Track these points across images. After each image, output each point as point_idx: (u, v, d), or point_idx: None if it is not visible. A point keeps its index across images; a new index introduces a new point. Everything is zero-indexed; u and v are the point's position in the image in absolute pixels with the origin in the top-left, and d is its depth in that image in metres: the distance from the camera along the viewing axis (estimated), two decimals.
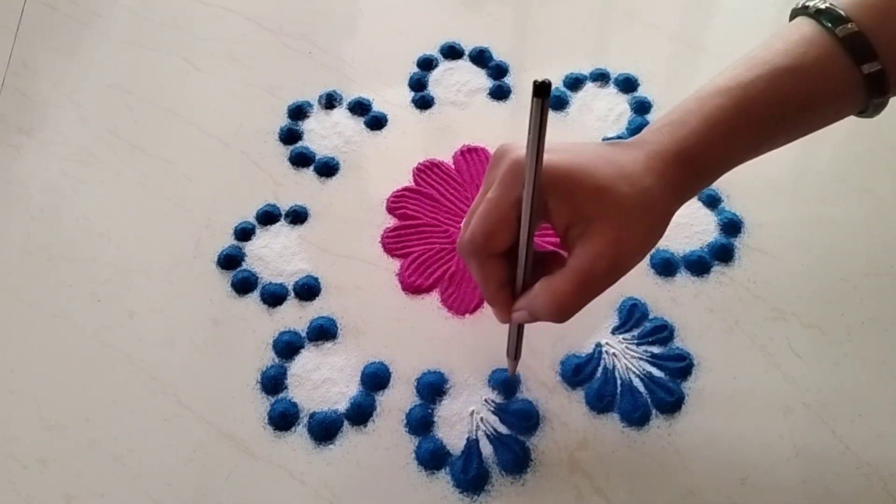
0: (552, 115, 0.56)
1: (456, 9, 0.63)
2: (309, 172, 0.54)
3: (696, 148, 0.37)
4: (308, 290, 0.48)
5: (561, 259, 0.37)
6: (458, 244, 0.38)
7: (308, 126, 0.56)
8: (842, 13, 0.36)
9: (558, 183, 0.36)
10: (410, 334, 0.46)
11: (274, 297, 0.48)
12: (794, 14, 0.38)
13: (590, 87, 0.58)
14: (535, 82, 0.30)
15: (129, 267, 0.49)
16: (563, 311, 0.37)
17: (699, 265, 0.49)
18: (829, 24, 0.36)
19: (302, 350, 0.46)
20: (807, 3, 0.37)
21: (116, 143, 0.55)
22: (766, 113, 0.37)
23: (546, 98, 0.31)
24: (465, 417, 0.43)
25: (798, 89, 0.37)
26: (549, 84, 0.31)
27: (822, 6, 0.36)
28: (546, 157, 0.35)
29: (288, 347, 0.46)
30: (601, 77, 0.58)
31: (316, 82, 0.59)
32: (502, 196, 0.36)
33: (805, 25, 0.37)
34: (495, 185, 0.37)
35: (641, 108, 0.56)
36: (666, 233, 0.49)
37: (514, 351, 0.41)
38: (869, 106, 0.37)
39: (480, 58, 0.60)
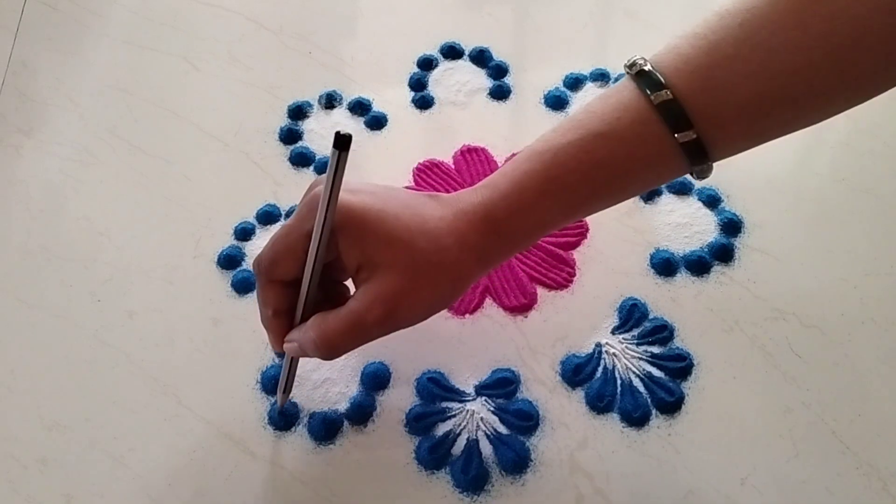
0: (553, 115, 0.56)
1: (456, 9, 0.63)
2: (309, 172, 0.54)
3: (503, 212, 0.37)
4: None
5: (346, 300, 0.37)
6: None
7: (308, 126, 0.56)
8: (661, 78, 0.35)
9: (351, 225, 0.36)
10: (410, 334, 0.46)
11: None
12: (625, 69, 0.37)
13: (590, 87, 0.58)
14: (336, 133, 0.32)
15: (129, 267, 0.49)
16: (329, 350, 0.37)
17: (699, 265, 0.49)
18: (647, 90, 0.35)
19: None
20: (636, 61, 0.36)
21: (116, 143, 0.55)
22: (577, 179, 0.36)
23: (344, 152, 0.33)
24: (465, 417, 0.43)
25: (610, 155, 0.36)
26: (350, 137, 0.33)
27: (646, 68, 0.35)
28: (346, 197, 0.35)
29: None
30: (601, 77, 0.58)
31: (316, 82, 0.59)
32: (293, 226, 0.37)
33: (626, 89, 0.36)
34: (293, 215, 0.37)
35: None
36: (667, 233, 0.50)
37: (284, 384, 0.41)
38: (692, 171, 0.36)
39: (480, 58, 0.60)
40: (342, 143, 0.33)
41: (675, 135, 0.34)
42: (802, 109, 0.35)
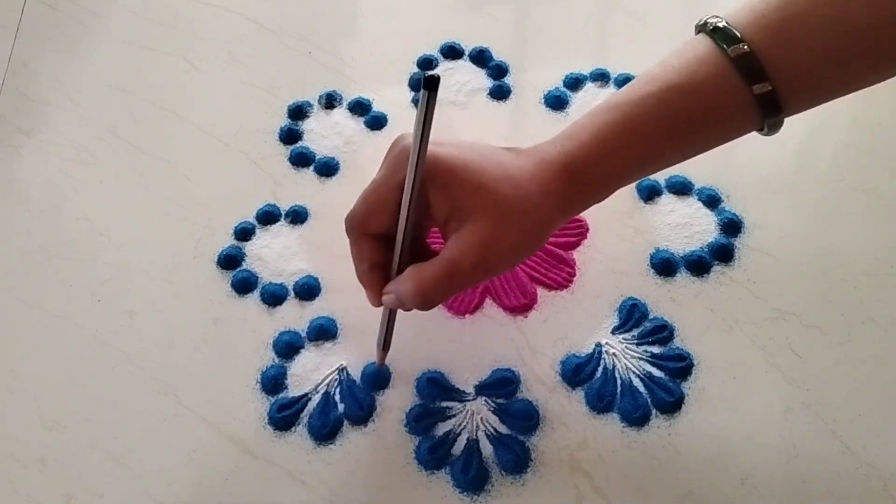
0: (553, 115, 0.56)
1: (456, 9, 0.63)
2: (309, 172, 0.54)
3: (583, 161, 0.38)
4: (308, 290, 0.48)
5: (431, 255, 0.38)
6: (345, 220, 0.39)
7: (308, 126, 0.56)
8: (736, 33, 0.36)
9: (440, 175, 0.37)
10: (410, 334, 0.46)
11: (274, 297, 0.48)
12: (697, 30, 0.38)
13: (590, 87, 0.58)
14: (425, 75, 0.33)
15: (129, 267, 0.49)
16: (425, 298, 0.38)
17: (699, 265, 0.49)
18: (723, 44, 0.36)
19: (302, 350, 0.46)
20: (707, 20, 0.37)
21: (116, 143, 0.55)
22: (655, 130, 0.37)
23: (433, 92, 0.33)
24: (465, 417, 0.43)
25: (688, 107, 0.37)
26: (438, 78, 0.33)
27: (721, 24, 0.36)
28: (433, 148, 0.36)
29: (288, 347, 0.46)
30: (601, 77, 0.58)
31: (316, 82, 0.59)
32: (384, 180, 0.38)
33: (701, 44, 0.37)
34: (381, 168, 0.38)
35: None
36: (667, 233, 0.50)
37: (384, 341, 0.42)
38: (764, 125, 0.38)
39: (480, 58, 0.60)
40: (432, 83, 0.33)
41: (752, 86, 0.36)
42: (875, 63, 0.36)
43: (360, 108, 0.57)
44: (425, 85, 0.33)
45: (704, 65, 0.36)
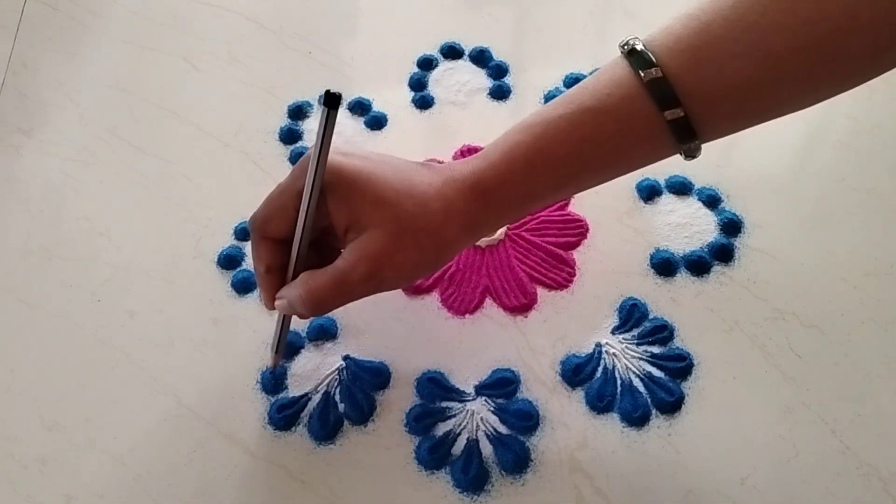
0: None
1: (456, 9, 0.63)
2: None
3: (492, 182, 0.38)
4: None
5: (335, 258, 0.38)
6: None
7: (308, 126, 0.56)
8: (651, 57, 0.35)
9: (341, 185, 0.37)
10: (410, 334, 0.46)
11: None
12: (619, 49, 0.37)
13: None
14: (326, 92, 0.34)
15: (129, 267, 0.49)
16: (314, 306, 0.38)
17: (699, 265, 0.49)
18: (637, 68, 0.35)
19: (302, 350, 0.46)
20: (628, 41, 0.37)
21: (116, 143, 0.55)
22: (566, 152, 0.37)
23: (334, 110, 0.35)
24: (465, 417, 0.43)
25: (600, 130, 0.36)
26: (339, 96, 0.34)
27: (638, 47, 0.36)
28: (338, 158, 0.37)
29: (288, 347, 0.46)
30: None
31: (316, 82, 0.59)
32: (286, 186, 0.38)
33: (618, 66, 0.37)
34: (288, 174, 0.38)
35: None
36: (667, 233, 0.50)
37: (276, 344, 0.42)
38: (681, 151, 0.37)
39: (480, 58, 0.60)
40: (332, 101, 0.34)
41: (664, 112, 0.35)
42: (790, 92, 0.36)
43: (360, 108, 0.57)
44: (326, 101, 0.34)
45: (619, 88, 0.36)
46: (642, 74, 0.35)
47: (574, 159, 0.37)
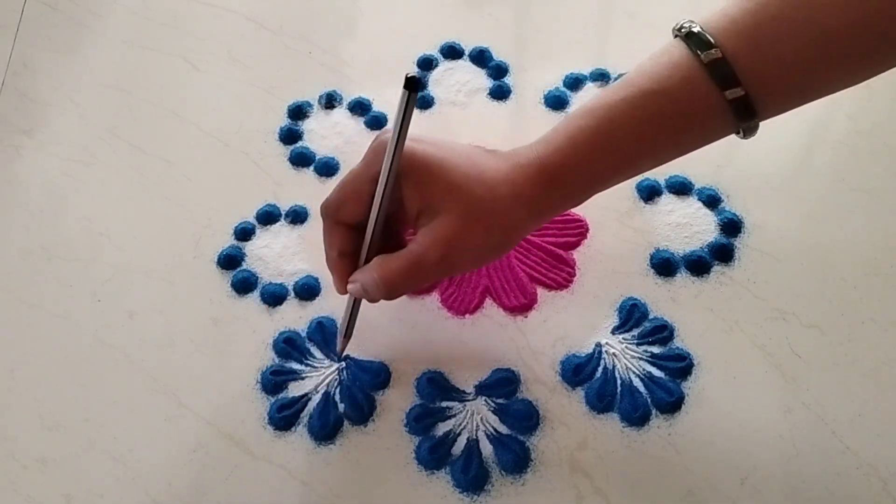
0: (553, 115, 0.56)
1: (456, 9, 0.63)
2: (309, 172, 0.54)
3: (557, 166, 0.38)
4: (308, 290, 0.48)
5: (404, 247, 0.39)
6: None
7: (308, 126, 0.56)
8: (710, 39, 0.36)
9: (414, 171, 0.38)
10: (410, 334, 0.46)
11: (274, 297, 0.48)
12: (674, 34, 0.38)
13: (590, 87, 0.58)
14: (406, 75, 0.35)
15: (129, 267, 0.49)
16: (388, 289, 0.39)
17: (699, 265, 0.49)
18: (696, 49, 0.36)
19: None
20: (683, 25, 0.37)
21: (116, 143, 0.55)
22: (629, 135, 0.38)
23: (413, 93, 0.35)
24: (465, 417, 0.43)
25: (661, 112, 0.37)
26: (419, 80, 0.35)
27: (695, 29, 0.37)
28: (411, 144, 0.37)
29: (288, 347, 0.46)
30: (601, 77, 0.58)
31: (316, 82, 0.59)
32: (360, 171, 0.39)
33: (675, 49, 0.37)
34: (361, 160, 0.39)
35: None
36: (667, 233, 0.50)
37: (346, 328, 0.43)
38: (740, 129, 0.38)
39: (480, 58, 0.60)
40: (412, 84, 0.35)
41: (724, 92, 0.36)
42: (847, 67, 0.37)
43: (360, 108, 0.57)
44: (406, 85, 0.35)
45: (678, 70, 0.37)
46: (702, 56, 0.36)
47: (636, 141, 0.38)
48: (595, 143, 0.38)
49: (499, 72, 0.59)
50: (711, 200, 0.51)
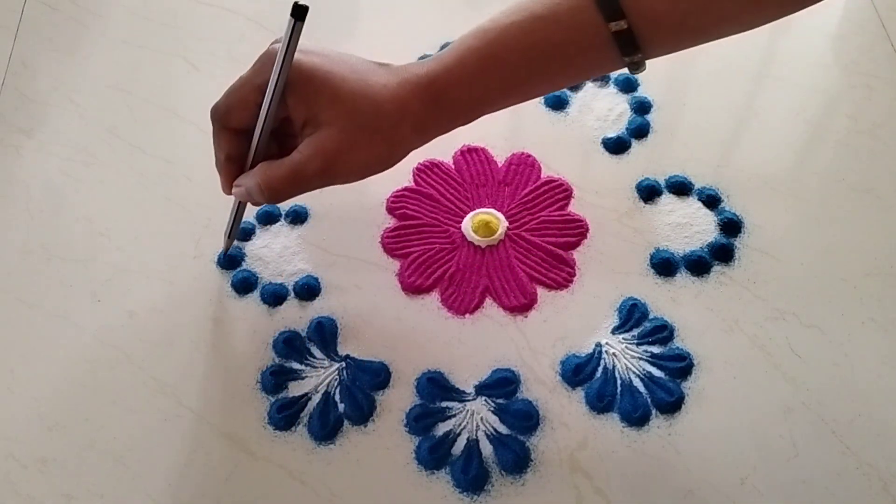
0: (553, 115, 0.56)
1: (456, 9, 0.63)
2: None
3: (444, 84, 0.39)
4: (308, 290, 0.48)
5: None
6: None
7: None
8: None
9: (300, 82, 0.39)
10: (410, 334, 0.46)
11: (274, 297, 0.48)
12: None
13: (589, 86, 0.58)
14: (294, 3, 0.36)
15: (129, 267, 0.49)
16: (270, 194, 0.40)
17: (699, 265, 0.49)
18: None
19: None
20: None
21: (116, 143, 0.55)
22: (516, 57, 0.39)
23: (300, 22, 0.37)
24: (465, 417, 0.43)
25: (548, 38, 0.38)
26: (306, 8, 0.36)
27: None
28: (300, 57, 0.39)
29: (288, 347, 0.46)
30: (601, 77, 0.58)
31: None
32: (248, 79, 0.41)
33: None
34: (249, 68, 0.40)
35: (641, 108, 0.56)
36: (667, 233, 0.50)
37: (230, 230, 0.46)
38: (625, 64, 0.39)
39: None
40: (299, 13, 0.37)
41: (609, 23, 0.37)
42: (732, 8, 0.37)
43: None
44: (293, 13, 0.37)
45: None
46: None
47: (524, 64, 0.39)
48: (483, 64, 0.39)
49: None
50: (711, 200, 0.51)
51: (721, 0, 0.37)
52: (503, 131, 0.56)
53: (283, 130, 0.42)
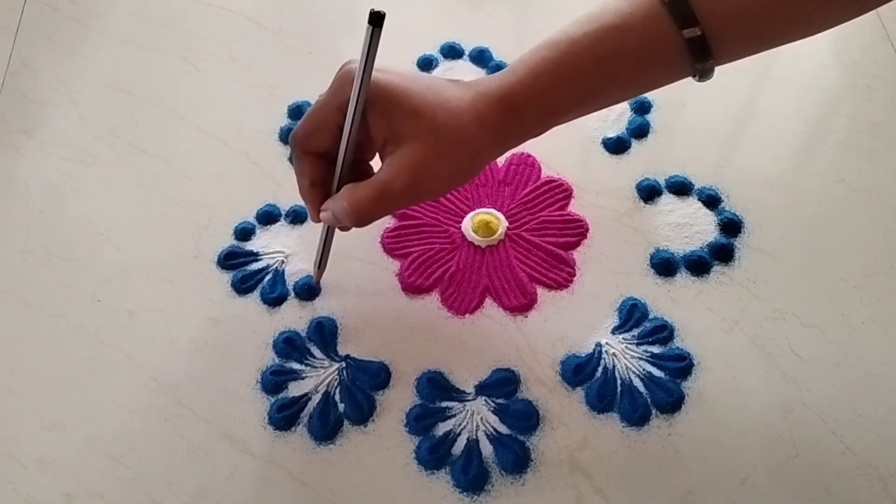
0: None
1: (456, 9, 0.63)
2: None
3: (519, 95, 0.39)
4: (308, 290, 0.48)
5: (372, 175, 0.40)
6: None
7: None
8: None
9: (380, 100, 0.39)
10: (410, 334, 0.46)
11: (274, 297, 0.48)
12: None
13: None
14: (371, 11, 0.37)
15: (129, 267, 0.49)
16: (358, 216, 0.40)
17: (699, 265, 0.49)
18: None
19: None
20: None
21: (116, 143, 0.55)
22: (589, 67, 0.39)
23: (377, 28, 0.37)
24: (465, 417, 0.43)
25: (621, 47, 0.38)
26: (384, 14, 0.36)
27: None
28: (376, 74, 0.38)
29: (288, 347, 0.46)
30: None
31: (316, 82, 0.58)
32: (327, 101, 0.40)
33: None
34: (327, 90, 0.40)
35: (641, 107, 0.56)
36: (667, 233, 0.50)
37: (320, 260, 0.45)
38: (696, 71, 0.39)
39: (480, 58, 0.60)
40: (376, 19, 0.37)
41: (682, 30, 0.37)
42: (801, 13, 0.38)
43: None
44: (371, 20, 0.37)
45: (640, 7, 0.38)
46: None
47: (597, 74, 0.39)
48: (557, 75, 0.39)
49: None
50: (711, 200, 0.51)
51: (790, 5, 0.37)
52: None
53: (357, 156, 0.42)
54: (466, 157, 0.40)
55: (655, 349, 0.45)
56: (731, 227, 0.50)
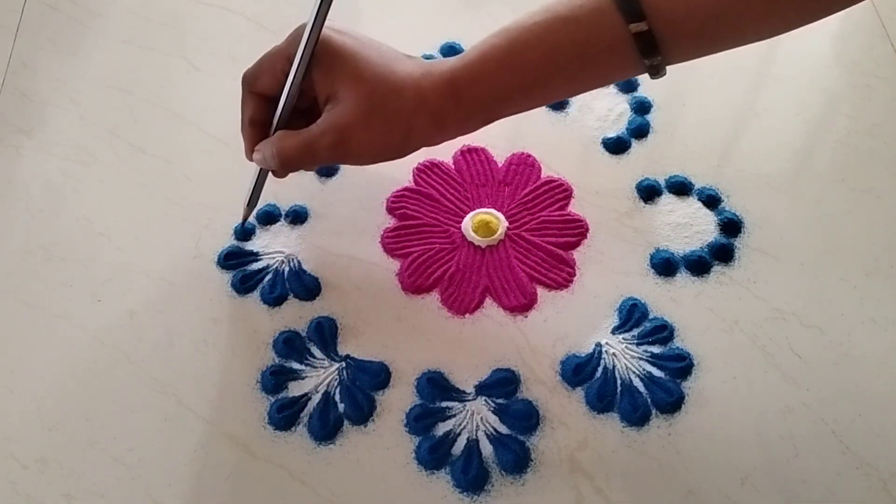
0: (553, 115, 0.56)
1: (456, 9, 0.63)
2: (309, 173, 0.54)
3: (464, 79, 0.40)
4: (308, 290, 0.48)
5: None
6: None
7: None
8: None
9: (327, 57, 0.40)
10: (410, 334, 0.46)
11: (274, 297, 0.48)
12: None
13: None
14: None
15: (129, 267, 0.49)
16: (282, 163, 0.42)
17: (699, 265, 0.49)
18: None
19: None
20: None
21: (116, 143, 0.55)
22: (535, 56, 0.39)
23: None
24: (465, 417, 0.43)
25: (569, 38, 0.38)
26: None
27: None
28: (330, 33, 0.40)
29: (288, 347, 0.46)
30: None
31: None
32: (280, 49, 0.42)
33: None
34: (284, 38, 0.42)
35: (641, 108, 0.56)
36: (667, 233, 0.50)
37: (249, 197, 0.47)
38: (645, 67, 0.39)
39: None
40: None
41: (629, 25, 0.37)
42: (753, 16, 0.37)
43: None
44: None
45: (591, 0, 0.38)
46: None
47: (544, 64, 0.39)
48: (502, 61, 0.39)
49: None
50: (711, 200, 0.51)
51: (741, 7, 0.37)
52: (503, 131, 0.56)
53: (312, 108, 0.43)
54: (398, 132, 0.40)
55: (655, 349, 0.45)
56: (731, 227, 0.50)
